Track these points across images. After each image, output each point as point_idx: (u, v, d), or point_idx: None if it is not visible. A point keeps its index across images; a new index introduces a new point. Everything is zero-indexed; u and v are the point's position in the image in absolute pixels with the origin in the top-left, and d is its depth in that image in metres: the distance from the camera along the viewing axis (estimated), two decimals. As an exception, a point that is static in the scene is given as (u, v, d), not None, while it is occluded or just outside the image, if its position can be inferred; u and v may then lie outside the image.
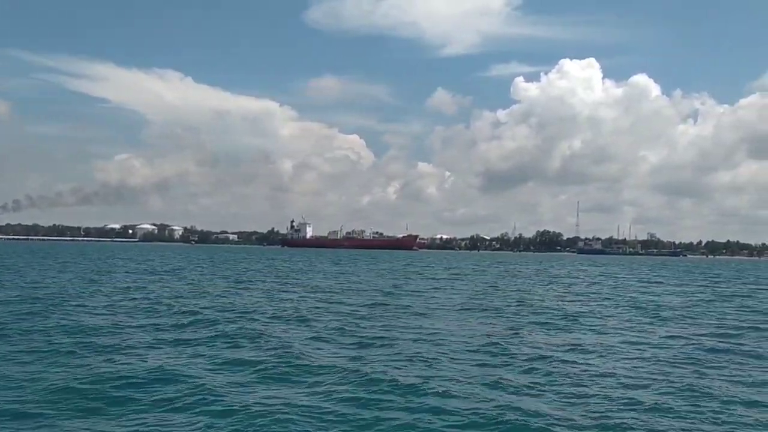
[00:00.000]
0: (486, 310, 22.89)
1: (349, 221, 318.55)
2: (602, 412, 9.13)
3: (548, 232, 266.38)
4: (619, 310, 24.10)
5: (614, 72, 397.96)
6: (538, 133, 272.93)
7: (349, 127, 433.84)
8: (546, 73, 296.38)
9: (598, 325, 19.06)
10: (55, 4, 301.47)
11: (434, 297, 28.05)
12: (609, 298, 29.62)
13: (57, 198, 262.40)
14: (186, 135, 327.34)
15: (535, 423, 8.45)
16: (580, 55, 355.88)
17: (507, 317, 20.68)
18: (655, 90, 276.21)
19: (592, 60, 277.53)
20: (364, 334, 15.94)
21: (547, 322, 19.59)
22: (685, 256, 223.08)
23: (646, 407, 9.32)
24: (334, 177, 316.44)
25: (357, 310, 21.71)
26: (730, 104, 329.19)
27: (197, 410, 8.81)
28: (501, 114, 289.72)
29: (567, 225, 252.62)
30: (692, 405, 9.53)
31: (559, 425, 8.43)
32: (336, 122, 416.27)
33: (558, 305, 25.29)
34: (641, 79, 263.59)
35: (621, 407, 9.34)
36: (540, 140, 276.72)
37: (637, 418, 8.76)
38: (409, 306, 23.40)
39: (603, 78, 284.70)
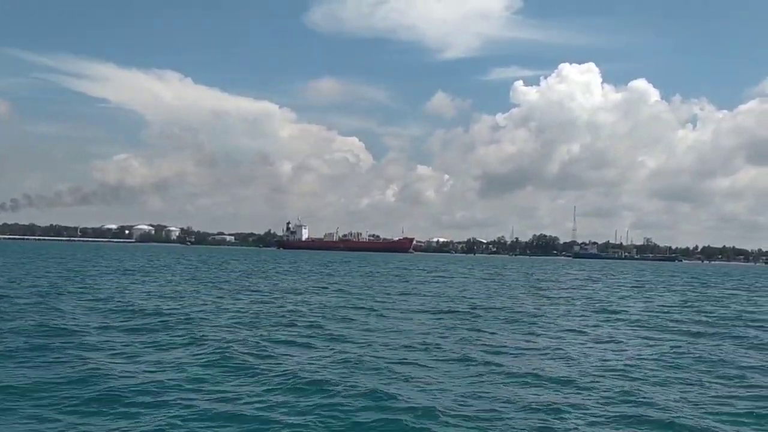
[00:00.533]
0: (447, 312, 23.13)
1: (348, 223, 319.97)
2: (482, 408, 9.53)
3: (545, 236, 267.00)
4: (578, 313, 24.45)
5: (613, 77, 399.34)
6: (537, 137, 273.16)
7: (348, 129, 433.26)
8: (545, 77, 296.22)
9: (543, 328, 19.41)
10: (55, 4, 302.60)
11: (400, 298, 28.42)
12: (574, 302, 29.92)
13: (55, 198, 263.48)
14: (185, 135, 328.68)
15: (413, 420, 8.79)
16: (579, 59, 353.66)
17: (460, 319, 21.01)
18: (654, 95, 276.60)
19: (592, 64, 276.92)
20: (304, 334, 16.33)
21: (496, 323, 20.04)
22: (681, 261, 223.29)
23: (527, 406, 9.68)
24: (333, 179, 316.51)
25: (313, 311, 22.08)
26: (729, 110, 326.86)
27: (96, 411, 9.08)
28: (500, 118, 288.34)
29: (565, 229, 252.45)
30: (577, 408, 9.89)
31: (436, 423, 8.80)
32: (335, 124, 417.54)
33: (520, 307, 25.63)
34: (640, 84, 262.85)
35: (503, 406, 9.70)
36: (539, 144, 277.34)
37: (512, 416, 9.13)
38: (371, 308, 23.70)
39: (602, 82, 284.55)
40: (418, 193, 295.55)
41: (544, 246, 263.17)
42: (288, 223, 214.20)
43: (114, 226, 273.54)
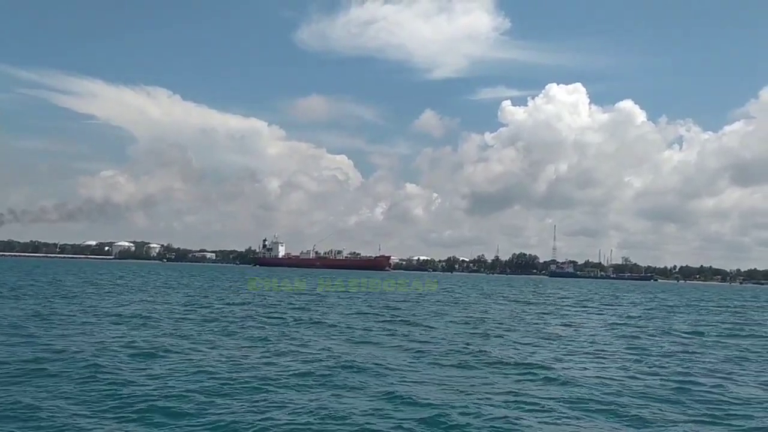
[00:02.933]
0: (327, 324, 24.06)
1: (336, 241, 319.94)
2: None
3: (524, 254, 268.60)
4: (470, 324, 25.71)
5: (600, 97, 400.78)
6: (524, 156, 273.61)
7: (336, 147, 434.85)
8: (533, 98, 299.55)
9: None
10: (42, 20, 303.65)
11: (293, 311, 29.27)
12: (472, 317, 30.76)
13: (40, 213, 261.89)
14: (172, 152, 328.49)
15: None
16: (566, 80, 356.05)
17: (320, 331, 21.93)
18: (641, 116, 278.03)
19: (579, 85, 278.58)
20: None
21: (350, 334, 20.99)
22: (656, 280, 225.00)
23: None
24: (321, 196, 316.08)
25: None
26: (715, 131, 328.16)
27: None
28: (488, 137, 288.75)
29: (551, 248, 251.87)
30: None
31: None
32: (324, 142, 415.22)
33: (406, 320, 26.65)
34: (627, 104, 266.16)
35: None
36: (527, 164, 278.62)
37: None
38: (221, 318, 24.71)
39: (589, 103, 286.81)
40: (406, 211, 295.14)
41: (524, 265, 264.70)
42: (264, 240, 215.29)
43: (93, 243, 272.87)
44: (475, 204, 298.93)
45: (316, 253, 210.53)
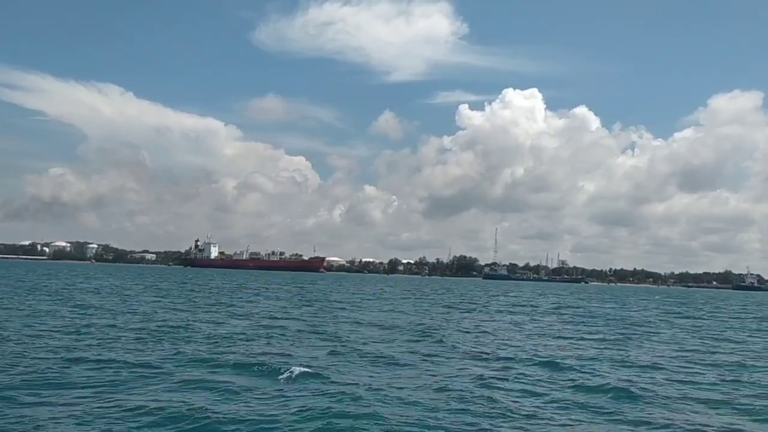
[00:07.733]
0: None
1: (293, 243, 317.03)
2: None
3: (464, 257, 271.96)
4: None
5: (556, 103, 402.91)
6: (482, 160, 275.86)
7: (295, 148, 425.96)
8: (490, 102, 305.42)
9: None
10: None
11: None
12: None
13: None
14: (125, 151, 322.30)
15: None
16: (523, 85, 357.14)
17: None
18: (595, 122, 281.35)
19: (535, 90, 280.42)
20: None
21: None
22: (587, 283, 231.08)
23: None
24: (279, 198, 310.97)
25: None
26: (665, 138, 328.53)
27: None
28: (446, 140, 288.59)
29: (508, 252, 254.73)
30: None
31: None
32: (282, 143, 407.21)
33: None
34: (582, 110, 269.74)
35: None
36: (484, 167, 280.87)
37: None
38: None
39: (545, 108, 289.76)
40: (364, 213, 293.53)
41: (464, 267, 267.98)
42: (197, 241, 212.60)
43: (26, 243, 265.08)
44: (432, 207, 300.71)
45: (251, 254, 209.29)
